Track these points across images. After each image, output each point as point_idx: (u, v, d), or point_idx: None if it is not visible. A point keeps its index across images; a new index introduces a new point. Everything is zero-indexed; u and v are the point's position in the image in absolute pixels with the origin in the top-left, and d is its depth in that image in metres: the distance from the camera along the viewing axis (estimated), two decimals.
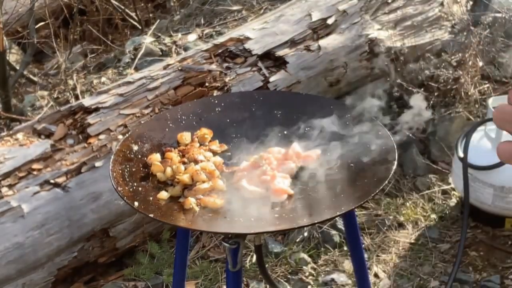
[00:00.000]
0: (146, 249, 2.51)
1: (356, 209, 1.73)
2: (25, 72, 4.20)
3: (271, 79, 2.78)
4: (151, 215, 1.33)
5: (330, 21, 3.08)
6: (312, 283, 2.43)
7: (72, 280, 2.40)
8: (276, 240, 2.59)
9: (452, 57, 3.17)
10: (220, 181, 1.46)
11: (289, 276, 2.45)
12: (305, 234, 2.60)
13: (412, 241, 2.62)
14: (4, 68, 3.65)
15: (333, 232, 2.59)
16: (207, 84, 2.69)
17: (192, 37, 3.96)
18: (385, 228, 2.66)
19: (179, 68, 2.72)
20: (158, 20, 4.66)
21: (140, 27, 4.74)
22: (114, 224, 2.40)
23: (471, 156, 2.41)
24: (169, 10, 5.24)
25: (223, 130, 1.66)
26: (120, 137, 2.41)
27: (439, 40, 3.31)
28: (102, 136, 2.45)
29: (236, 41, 2.91)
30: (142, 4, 5.15)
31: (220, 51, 2.86)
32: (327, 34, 3.04)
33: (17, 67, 4.16)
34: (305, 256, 2.51)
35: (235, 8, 4.50)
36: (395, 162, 1.41)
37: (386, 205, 2.78)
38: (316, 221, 1.34)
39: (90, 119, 2.48)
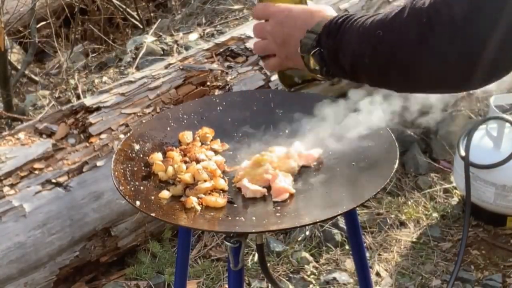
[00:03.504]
0: (148, 248, 2.51)
1: (357, 208, 1.73)
2: (26, 72, 4.20)
3: (272, 78, 2.77)
4: (153, 214, 1.33)
5: None
6: (313, 282, 2.43)
7: (73, 279, 2.40)
8: (277, 239, 2.59)
9: None
10: (222, 180, 1.46)
11: (290, 275, 2.45)
12: (307, 233, 2.60)
13: (414, 239, 2.61)
14: (6, 68, 3.65)
15: (335, 231, 2.59)
16: (208, 83, 2.69)
17: (193, 36, 3.96)
18: (387, 227, 2.66)
19: (181, 67, 2.72)
20: (159, 20, 4.67)
21: (141, 27, 4.75)
22: (116, 223, 2.40)
23: (472, 155, 2.41)
24: (170, 9, 5.25)
25: (224, 129, 1.66)
26: (122, 136, 2.41)
27: None
28: (103, 136, 2.45)
29: (237, 40, 2.91)
30: (143, 4, 5.16)
31: (221, 50, 2.85)
32: None
33: (19, 67, 4.16)
34: (306, 255, 2.51)
35: (236, 7, 4.50)
36: (397, 161, 1.41)
37: (388, 203, 2.78)
38: (317, 220, 1.34)
39: (92, 118, 2.48)
